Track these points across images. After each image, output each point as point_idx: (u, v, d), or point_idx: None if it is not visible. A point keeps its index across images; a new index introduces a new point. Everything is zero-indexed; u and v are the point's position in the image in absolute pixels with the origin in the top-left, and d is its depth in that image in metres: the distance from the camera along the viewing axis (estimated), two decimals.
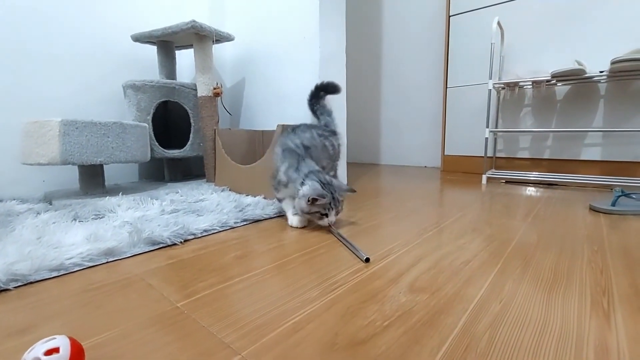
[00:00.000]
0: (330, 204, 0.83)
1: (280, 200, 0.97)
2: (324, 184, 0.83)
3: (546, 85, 1.63)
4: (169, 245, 0.76)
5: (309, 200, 0.81)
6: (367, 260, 0.65)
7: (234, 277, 0.59)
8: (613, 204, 1.03)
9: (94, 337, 0.41)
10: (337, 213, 0.86)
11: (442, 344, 0.39)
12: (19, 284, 0.57)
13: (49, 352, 0.32)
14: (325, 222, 0.85)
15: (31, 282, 0.58)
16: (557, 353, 0.37)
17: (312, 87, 1.20)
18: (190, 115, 1.57)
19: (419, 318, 0.45)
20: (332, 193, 0.83)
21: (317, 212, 0.84)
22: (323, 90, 1.19)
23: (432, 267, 0.62)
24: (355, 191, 0.82)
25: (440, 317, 0.45)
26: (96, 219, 0.93)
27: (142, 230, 0.76)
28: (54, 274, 0.61)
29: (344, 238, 0.76)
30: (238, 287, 0.55)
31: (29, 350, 0.32)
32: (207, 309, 0.48)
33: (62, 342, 0.33)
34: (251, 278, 0.58)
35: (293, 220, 0.91)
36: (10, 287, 0.56)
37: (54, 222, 0.87)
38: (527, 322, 0.43)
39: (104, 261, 0.66)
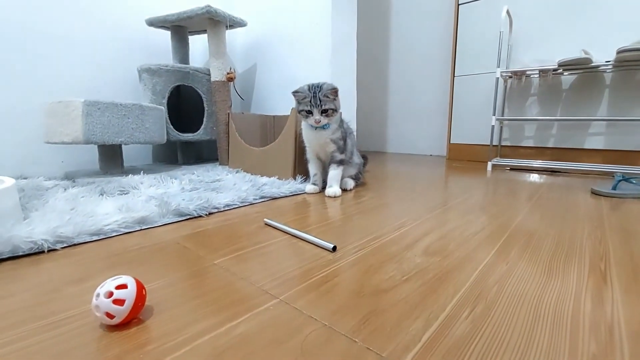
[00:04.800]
0: (310, 101, 0.97)
1: (307, 162, 1.13)
2: (311, 87, 0.99)
3: (553, 74, 1.66)
4: (194, 217, 0.81)
5: (296, 101, 1.01)
6: (334, 249, 0.59)
7: (261, 242, 0.64)
8: (614, 188, 1.07)
9: (146, 285, 0.46)
10: (322, 113, 0.98)
11: (456, 293, 0.44)
12: (65, 245, 0.62)
13: (119, 287, 0.37)
14: (311, 120, 0.99)
15: (75, 244, 0.63)
16: (558, 302, 0.42)
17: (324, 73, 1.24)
18: (204, 99, 1.61)
19: (434, 274, 0.50)
20: (314, 93, 0.97)
21: (303, 110, 1.00)
22: None
23: (443, 236, 0.67)
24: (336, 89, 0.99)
25: (453, 274, 0.50)
26: (121, 194, 0.98)
27: (169, 203, 0.81)
28: (94, 237, 0.66)
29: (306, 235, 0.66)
30: (266, 250, 0.60)
31: (100, 285, 0.38)
32: (241, 265, 0.53)
33: (128, 280, 0.38)
34: (277, 243, 0.63)
35: (308, 187, 1.09)
36: (57, 248, 0.61)
37: (82, 196, 0.92)
38: (531, 279, 0.48)
39: (138, 228, 0.72)
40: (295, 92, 1.01)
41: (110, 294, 0.36)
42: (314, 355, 0.32)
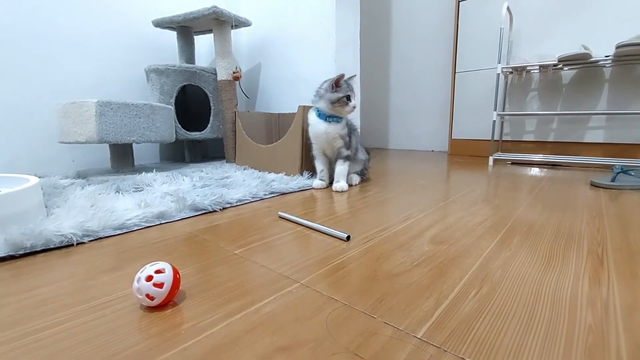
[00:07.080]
0: (348, 86, 1.05)
1: (314, 158, 1.16)
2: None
3: (553, 69, 1.68)
4: (209, 212, 0.84)
5: (332, 86, 1.03)
6: (348, 238, 0.63)
7: (275, 234, 0.67)
8: (612, 180, 1.10)
9: None
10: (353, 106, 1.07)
11: (463, 276, 0.48)
12: (92, 238, 0.66)
13: (157, 272, 0.41)
14: (350, 106, 1.05)
15: (100, 238, 0.67)
16: (557, 282, 0.45)
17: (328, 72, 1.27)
18: (210, 98, 1.64)
19: (442, 260, 0.53)
20: (346, 82, 1.06)
21: (343, 96, 1.03)
22: None
23: (448, 226, 0.70)
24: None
25: (459, 259, 0.53)
26: (136, 191, 1.01)
27: (185, 199, 0.85)
28: (118, 231, 0.69)
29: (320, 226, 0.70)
30: (281, 241, 0.64)
31: (140, 270, 0.41)
32: (260, 255, 0.57)
33: (165, 265, 0.42)
34: (290, 235, 0.67)
35: (315, 183, 1.12)
36: (85, 241, 0.65)
37: (99, 194, 0.96)
38: (533, 263, 0.52)
39: (157, 223, 0.75)
40: (337, 80, 1.03)
41: (150, 278, 0.40)
42: (338, 329, 0.36)
